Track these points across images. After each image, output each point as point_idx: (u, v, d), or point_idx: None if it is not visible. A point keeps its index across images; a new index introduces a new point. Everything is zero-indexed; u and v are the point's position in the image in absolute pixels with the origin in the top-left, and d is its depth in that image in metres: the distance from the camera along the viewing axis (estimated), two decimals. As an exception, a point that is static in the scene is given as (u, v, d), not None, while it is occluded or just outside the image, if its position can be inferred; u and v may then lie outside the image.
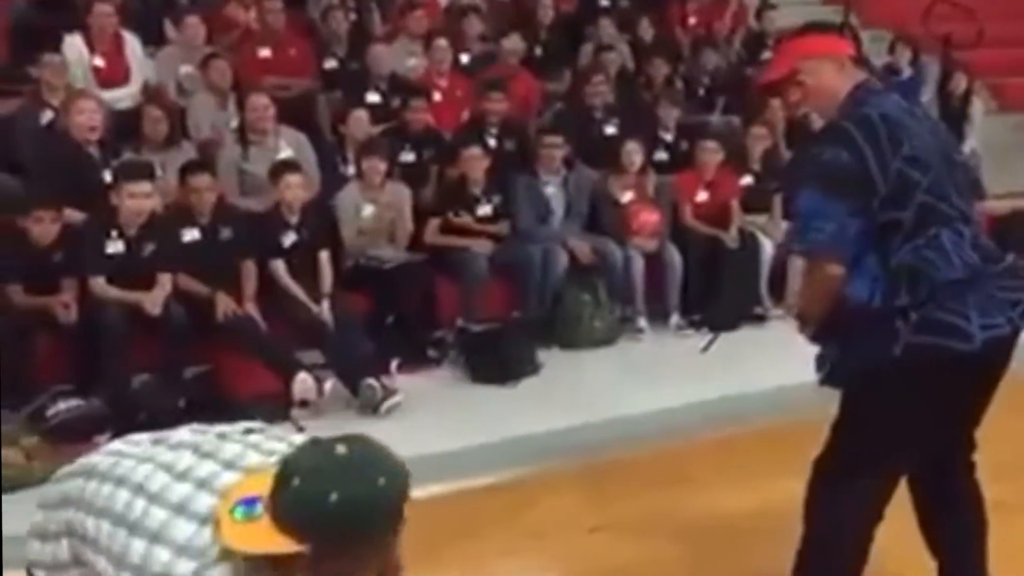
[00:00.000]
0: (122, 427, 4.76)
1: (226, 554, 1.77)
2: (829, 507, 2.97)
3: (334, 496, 1.68)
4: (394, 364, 5.68)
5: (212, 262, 5.44)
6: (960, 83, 8.19)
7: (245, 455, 1.93)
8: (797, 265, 6.65)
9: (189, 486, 1.89)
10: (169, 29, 7.15)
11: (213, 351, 5.29)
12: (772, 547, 3.31)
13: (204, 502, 1.85)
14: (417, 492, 1.84)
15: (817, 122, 5.80)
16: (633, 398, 5.47)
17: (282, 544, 1.70)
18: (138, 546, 1.85)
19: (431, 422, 5.19)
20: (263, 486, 1.76)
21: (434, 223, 6.34)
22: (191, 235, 5.47)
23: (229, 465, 1.91)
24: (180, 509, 1.86)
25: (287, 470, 1.74)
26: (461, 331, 5.99)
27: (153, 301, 5.11)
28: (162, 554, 1.82)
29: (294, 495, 1.70)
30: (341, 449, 1.74)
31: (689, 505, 4.23)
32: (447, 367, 5.92)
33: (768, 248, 6.73)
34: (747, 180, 7.00)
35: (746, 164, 7.04)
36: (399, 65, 7.32)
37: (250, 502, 1.76)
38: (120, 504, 1.93)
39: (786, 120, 7.40)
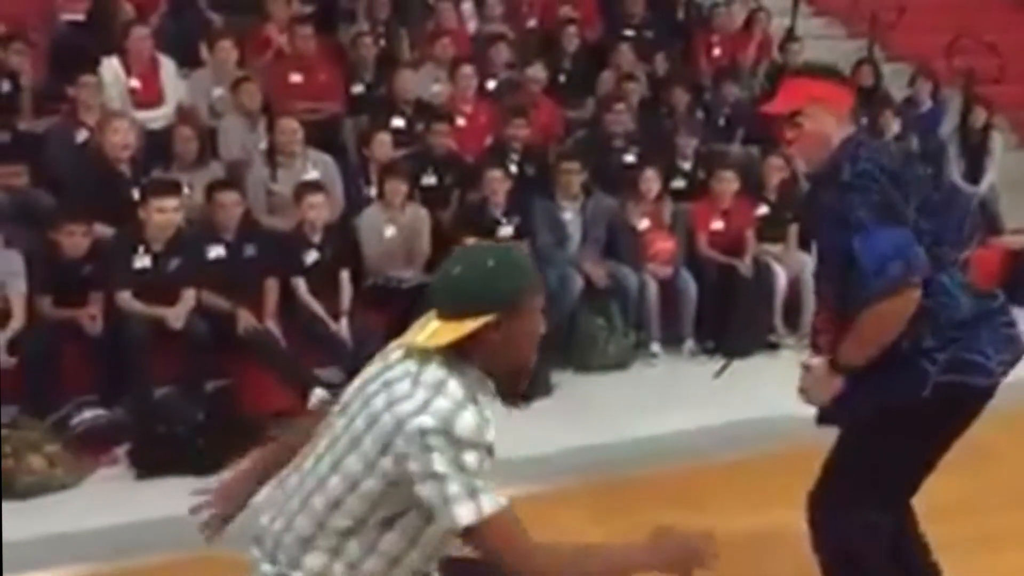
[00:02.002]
0: (143, 438, 4.95)
1: (440, 380, 2.11)
2: (844, 534, 3.05)
3: (456, 270, 2.17)
4: (409, 383, 5.79)
5: (235, 278, 5.61)
6: (980, 117, 8.25)
7: None
8: (810, 294, 6.77)
9: None
10: (204, 52, 7.36)
11: (233, 365, 5.45)
12: (778, 569, 3.39)
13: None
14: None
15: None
16: (645, 421, 5.55)
17: (456, 329, 2.12)
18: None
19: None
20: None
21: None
22: (216, 251, 5.65)
23: None
24: None
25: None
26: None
27: (176, 315, 5.29)
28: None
29: (432, 290, 2.23)
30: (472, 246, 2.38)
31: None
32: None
33: (782, 277, 6.81)
34: (763, 210, 7.09)
35: (762, 194, 7.14)
36: (425, 91, 7.49)
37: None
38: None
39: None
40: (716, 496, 4.57)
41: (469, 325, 2.12)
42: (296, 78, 7.17)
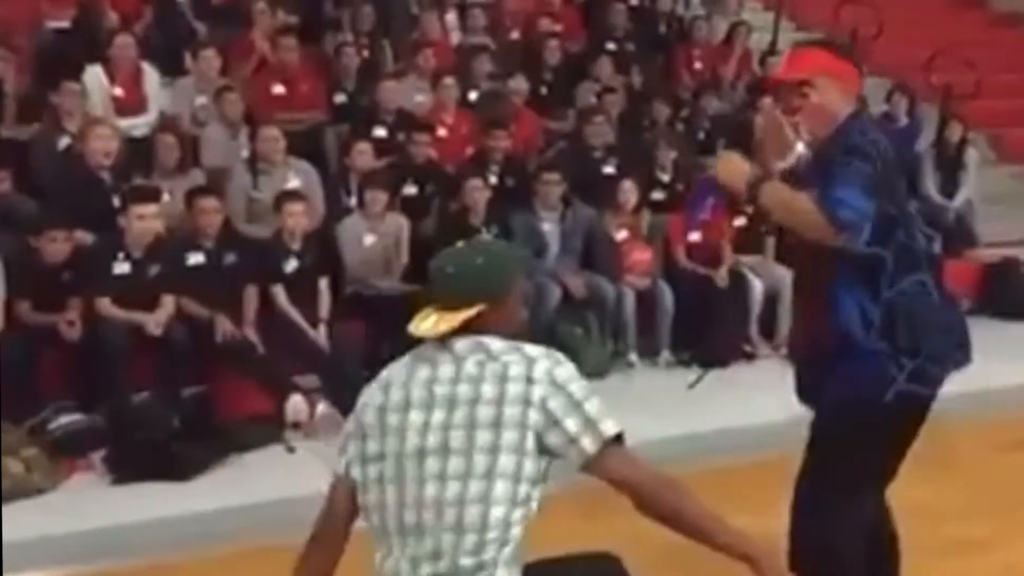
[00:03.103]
0: (119, 443, 4.98)
1: (506, 345, 2.38)
2: (821, 534, 3.10)
3: (449, 268, 2.45)
4: (387, 391, 5.85)
5: (215, 285, 5.66)
6: (956, 132, 8.35)
7: None
8: (787, 306, 6.85)
9: None
10: (188, 61, 7.41)
11: (211, 372, 5.49)
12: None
13: None
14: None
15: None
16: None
17: (454, 318, 2.38)
18: None
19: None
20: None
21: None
22: (196, 258, 5.70)
23: None
24: None
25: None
26: (454, 360, 6.14)
27: (155, 322, 5.33)
28: None
29: (429, 287, 2.49)
30: (460, 246, 2.60)
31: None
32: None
33: (758, 288, 6.88)
34: (740, 221, 7.17)
35: (739, 206, 7.20)
36: (407, 101, 7.55)
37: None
38: None
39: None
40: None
41: (465, 313, 2.38)
42: (279, 89, 7.23)
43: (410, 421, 2.35)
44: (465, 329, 2.39)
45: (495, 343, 2.38)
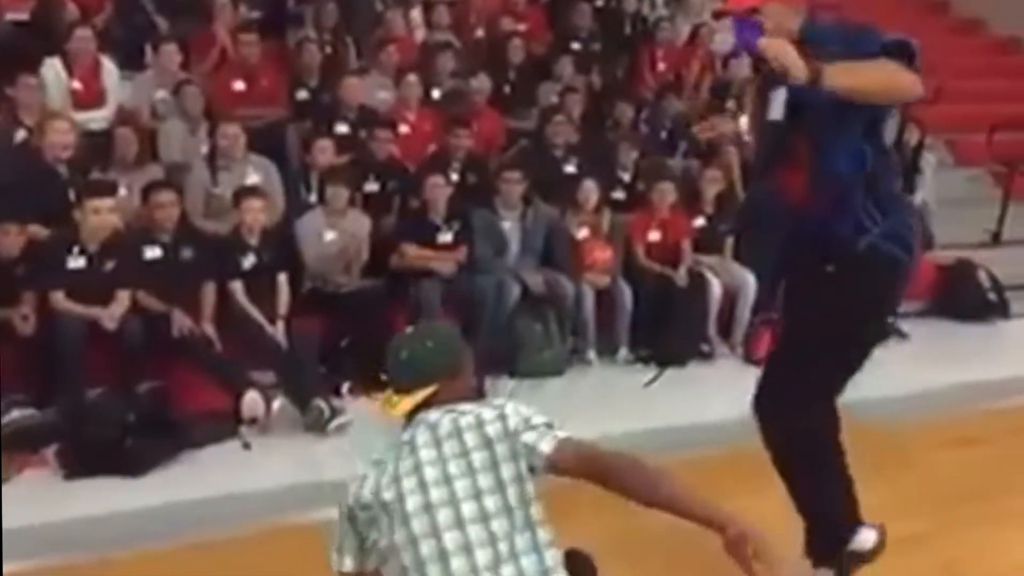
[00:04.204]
0: (72, 438, 4.95)
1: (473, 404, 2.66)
2: (793, 425, 3.40)
3: (403, 355, 2.73)
4: (345, 387, 5.86)
5: (171, 280, 5.63)
6: (914, 136, 8.41)
7: None
8: (745, 305, 6.93)
9: None
10: (148, 55, 7.36)
11: (167, 367, 5.46)
12: (700, 566, 3.51)
13: None
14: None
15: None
16: (579, 427, 5.61)
17: (414, 399, 2.66)
18: None
19: (378, 444, 5.33)
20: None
21: (400, 250, 6.51)
22: (152, 253, 5.66)
23: None
24: None
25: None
26: (413, 357, 6.15)
27: (110, 316, 5.30)
28: None
29: (388, 370, 2.73)
30: (409, 333, 2.84)
31: (626, 528, 4.38)
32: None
33: (717, 288, 6.93)
34: (699, 221, 7.22)
35: (699, 206, 7.27)
36: (370, 98, 7.54)
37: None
38: None
39: (741, 164, 7.64)
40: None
41: (423, 392, 2.67)
42: (239, 86, 7.19)
43: (405, 488, 2.52)
44: (427, 405, 2.66)
45: (460, 405, 2.64)
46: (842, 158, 3.28)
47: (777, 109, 3.43)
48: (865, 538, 3.61)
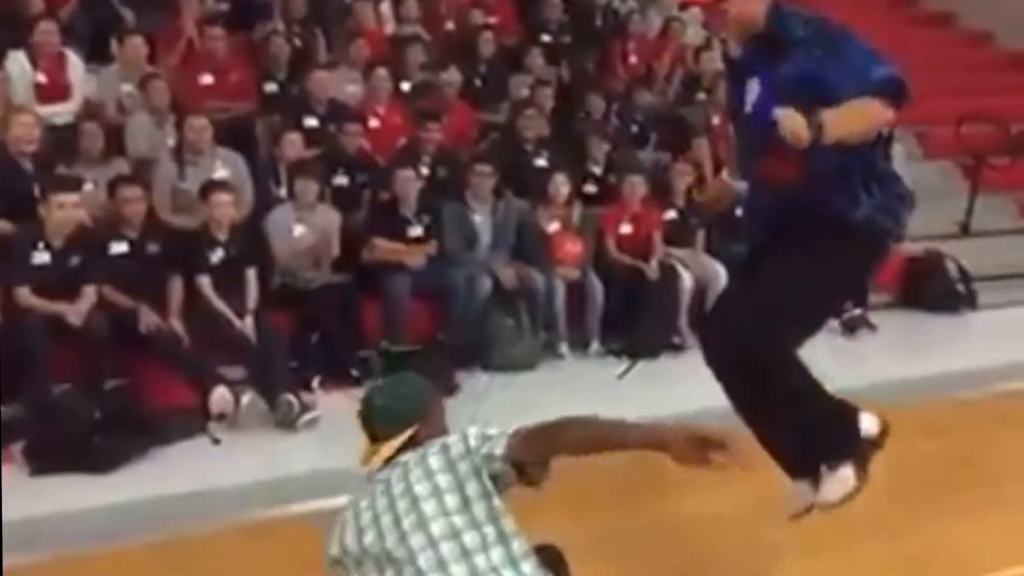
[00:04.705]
0: (38, 435, 4.90)
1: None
2: (766, 353, 3.41)
3: (378, 402, 2.87)
4: (315, 382, 5.83)
5: (138, 275, 5.58)
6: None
7: None
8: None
9: None
10: (114, 48, 7.28)
11: (134, 363, 5.41)
12: (670, 558, 3.54)
13: None
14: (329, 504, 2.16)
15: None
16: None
17: (392, 445, 2.76)
18: None
19: (350, 438, 5.31)
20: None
21: (370, 244, 6.48)
22: (118, 248, 5.61)
23: None
24: None
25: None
26: (383, 352, 6.14)
27: (76, 312, 5.23)
28: None
29: (363, 420, 2.86)
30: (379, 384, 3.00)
31: (602, 522, 4.39)
32: (368, 387, 6.04)
33: (688, 280, 6.94)
34: (670, 214, 7.23)
35: (670, 199, 7.28)
36: (339, 91, 7.49)
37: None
38: None
39: (712, 157, 7.66)
40: (619, 491, 4.66)
41: (401, 438, 2.78)
42: (207, 79, 7.12)
43: (384, 525, 2.60)
44: (404, 448, 2.76)
45: (431, 443, 2.74)
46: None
47: (752, 102, 3.46)
48: (869, 423, 3.67)
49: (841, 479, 3.56)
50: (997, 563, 4.09)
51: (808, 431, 3.57)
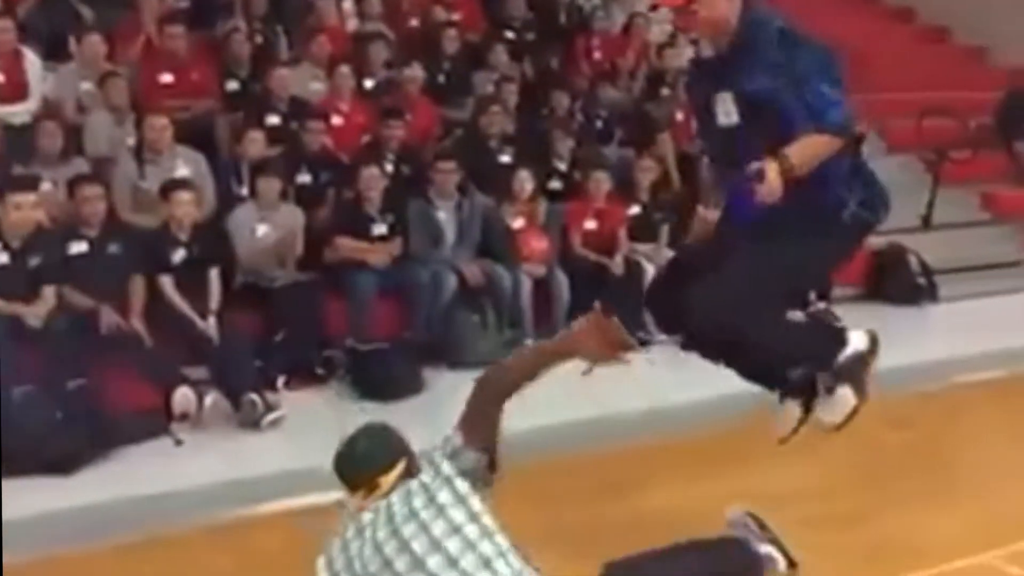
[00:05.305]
0: (0, 437, 4.83)
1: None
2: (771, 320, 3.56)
3: (360, 447, 2.85)
4: (280, 381, 5.80)
5: (99, 276, 5.52)
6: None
7: None
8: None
9: None
10: (72, 46, 7.19)
11: (95, 364, 5.34)
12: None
13: None
14: (296, 503, 2.18)
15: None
16: (515, 416, 5.61)
17: (385, 484, 2.78)
18: None
19: (315, 437, 5.29)
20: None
21: (334, 243, 6.45)
22: (78, 248, 5.55)
23: None
24: None
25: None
26: (349, 350, 6.12)
27: (35, 314, 5.18)
28: None
29: (347, 472, 2.84)
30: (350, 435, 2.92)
31: (563, 520, 4.40)
32: (334, 385, 6.05)
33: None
34: (635, 210, 7.25)
35: (634, 195, 7.30)
36: (302, 89, 7.44)
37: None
38: None
39: (676, 153, 7.70)
40: (583, 489, 4.68)
41: (394, 474, 2.79)
42: (167, 78, 7.04)
43: (366, 557, 2.66)
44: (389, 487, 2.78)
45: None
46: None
47: (723, 114, 3.48)
48: (857, 339, 3.77)
49: (841, 399, 3.70)
50: (956, 551, 4.15)
51: (792, 350, 3.71)
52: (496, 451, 2.92)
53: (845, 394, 3.70)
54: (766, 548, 3.48)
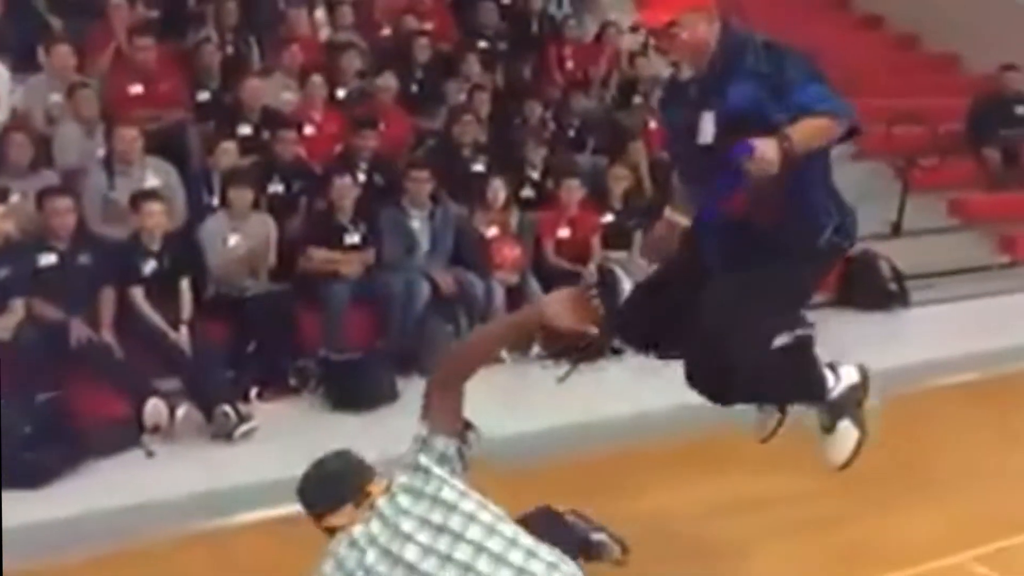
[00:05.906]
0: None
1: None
2: (763, 345, 3.51)
3: (332, 467, 2.96)
4: (253, 392, 5.77)
5: (68, 287, 5.47)
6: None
7: None
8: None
9: None
10: (41, 56, 7.14)
11: (66, 376, 5.30)
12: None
13: None
14: (270, 514, 2.19)
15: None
16: (491, 424, 5.60)
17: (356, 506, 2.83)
18: None
19: (288, 448, 5.26)
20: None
21: (306, 253, 6.42)
22: (47, 260, 5.49)
23: None
24: None
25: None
26: (322, 360, 6.09)
27: (3, 326, 5.13)
28: None
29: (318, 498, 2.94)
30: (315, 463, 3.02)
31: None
32: (307, 395, 6.02)
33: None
34: (608, 218, 7.27)
35: (607, 203, 7.32)
36: (273, 99, 7.42)
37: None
38: None
39: (649, 161, 7.72)
40: (566, 493, 4.66)
41: (382, 482, 2.83)
42: (136, 88, 6.99)
43: (368, 565, 2.67)
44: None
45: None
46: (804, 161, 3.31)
47: (707, 133, 3.48)
48: (847, 373, 3.81)
49: (843, 435, 3.73)
50: (930, 554, 4.18)
51: (783, 388, 3.72)
52: (465, 435, 2.97)
53: (847, 428, 3.73)
54: (598, 536, 3.63)
